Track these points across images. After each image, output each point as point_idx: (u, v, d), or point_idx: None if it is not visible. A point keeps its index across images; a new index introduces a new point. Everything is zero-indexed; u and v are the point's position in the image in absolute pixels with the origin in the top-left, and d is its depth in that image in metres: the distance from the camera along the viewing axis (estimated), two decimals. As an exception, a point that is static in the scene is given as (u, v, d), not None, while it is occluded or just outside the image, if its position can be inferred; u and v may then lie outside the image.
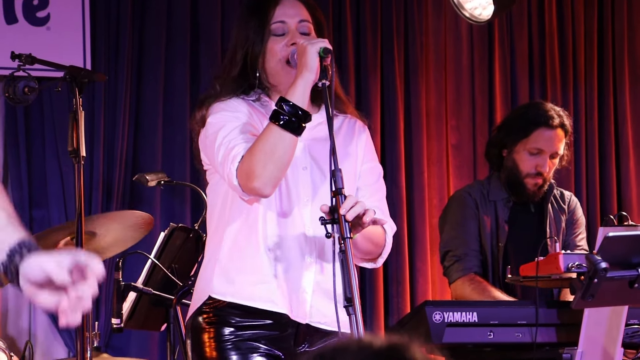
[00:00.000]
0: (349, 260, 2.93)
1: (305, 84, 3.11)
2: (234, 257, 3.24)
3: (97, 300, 5.43)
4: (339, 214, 2.96)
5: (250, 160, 3.10)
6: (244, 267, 3.23)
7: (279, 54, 3.24)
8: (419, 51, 6.21)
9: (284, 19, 3.26)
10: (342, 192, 2.98)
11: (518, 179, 4.60)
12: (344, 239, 2.95)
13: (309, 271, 3.23)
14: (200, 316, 3.25)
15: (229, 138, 3.17)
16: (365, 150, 3.37)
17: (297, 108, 3.10)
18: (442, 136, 6.24)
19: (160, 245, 4.62)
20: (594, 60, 6.43)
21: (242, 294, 3.22)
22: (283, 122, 3.09)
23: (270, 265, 3.22)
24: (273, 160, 3.09)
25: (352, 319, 2.92)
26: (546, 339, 3.99)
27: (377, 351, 1.36)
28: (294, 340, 3.24)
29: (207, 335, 3.23)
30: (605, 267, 2.79)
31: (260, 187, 3.10)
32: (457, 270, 4.58)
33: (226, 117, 3.22)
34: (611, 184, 6.36)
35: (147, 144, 5.74)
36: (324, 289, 3.21)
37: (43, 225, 5.49)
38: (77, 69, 3.81)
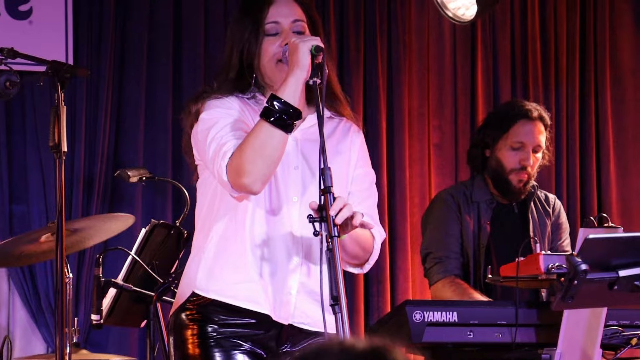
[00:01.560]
0: (336, 259, 2.92)
1: (296, 82, 3.11)
2: (219, 254, 3.24)
3: (77, 296, 5.42)
4: (327, 212, 2.96)
5: (240, 157, 3.10)
6: (229, 265, 3.23)
7: (273, 54, 3.24)
8: (402, 50, 6.21)
9: (277, 18, 3.26)
10: (330, 190, 2.97)
11: (503, 176, 4.61)
12: (331, 238, 2.94)
13: (294, 272, 3.23)
14: (184, 313, 3.25)
15: (221, 134, 3.17)
16: (359, 154, 3.37)
17: (288, 105, 3.10)
18: (424, 135, 6.24)
19: (141, 242, 4.61)
20: (575, 61, 6.45)
21: (225, 292, 3.22)
22: (273, 119, 3.09)
23: (255, 265, 3.22)
24: (263, 157, 3.09)
25: (338, 318, 2.92)
26: (525, 339, 4.00)
27: (359, 353, 1.36)
28: (276, 340, 3.24)
29: (190, 332, 3.23)
30: (585, 269, 2.80)
31: (249, 183, 3.10)
32: (438, 272, 4.59)
33: (219, 113, 3.22)
34: (591, 185, 6.38)
35: (129, 139, 5.72)
36: (308, 290, 3.21)
37: (23, 220, 5.48)
38: (59, 64, 3.78)
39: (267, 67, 3.26)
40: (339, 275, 2.93)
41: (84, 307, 5.46)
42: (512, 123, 4.60)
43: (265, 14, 3.27)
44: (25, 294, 5.48)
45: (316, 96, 3.08)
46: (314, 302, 3.14)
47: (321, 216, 2.97)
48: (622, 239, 3.18)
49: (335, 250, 2.93)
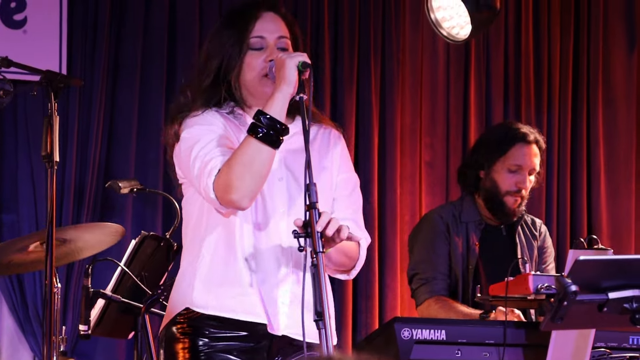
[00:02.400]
0: (321, 275, 2.93)
1: (283, 98, 3.11)
2: (213, 269, 3.24)
3: (65, 306, 5.40)
4: (312, 228, 2.96)
5: (228, 173, 3.09)
6: (224, 280, 3.23)
7: (257, 69, 3.24)
8: (396, 68, 6.22)
9: (263, 34, 3.26)
10: (316, 206, 2.98)
11: (498, 198, 4.61)
12: (316, 253, 2.95)
13: (285, 283, 3.23)
14: (174, 326, 3.24)
15: (204, 152, 3.17)
16: (341, 160, 3.37)
17: (275, 121, 3.10)
18: (416, 153, 6.25)
19: (131, 253, 4.60)
20: (568, 83, 6.47)
21: (224, 306, 3.21)
22: (261, 135, 3.09)
23: (248, 277, 3.22)
24: (251, 173, 3.09)
25: (322, 334, 2.92)
26: (513, 359, 3.99)
27: (348, 368, 1.36)
28: (267, 352, 3.24)
29: (181, 346, 3.22)
30: (575, 290, 2.80)
31: (238, 199, 3.10)
32: (424, 292, 4.59)
33: (200, 130, 3.21)
34: (582, 207, 6.39)
35: (121, 150, 5.72)
36: (300, 300, 3.21)
37: (13, 229, 5.46)
38: (53, 74, 3.79)
39: (251, 82, 3.25)
40: (323, 291, 2.94)
41: (72, 317, 5.44)
42: (510, 146, 4.62)
43: (251, 28, 3.27)
44: (13, 303, 5.46)
45: (302, 112, 3.08)
46: (306, 312, 3.14)
47: (306, 232, 2.98)
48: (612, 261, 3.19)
49: (319, 266, 2.93)
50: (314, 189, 2.99)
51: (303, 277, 3.00)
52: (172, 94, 5.80)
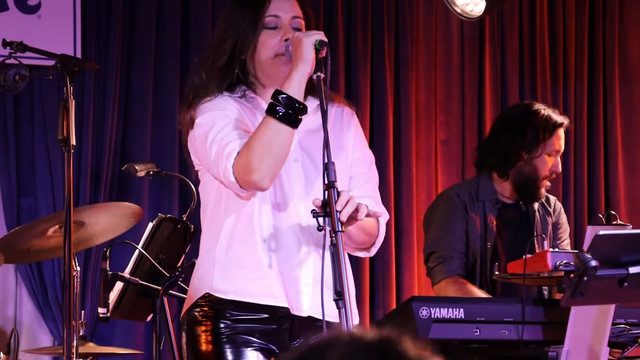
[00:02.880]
0: (340, 254, 2.92)
1: (301, 76, 3.10)
2: (231, 254, 3.23)
3: (84, 290, 5.42)
4: (330, 207, 2.95)
5: (248, 155, 3.08)
6: (243, 264, 3.22)
7: (273, 48, 3.22)
8: (410, 47, 6.21)
9: (278, 13, 3.25)
10: (334, 185, 2.97)
11: (536, 183, 4.62)
12: (335, 232, 2.94)
13: (306, 262, 3.23)
14: (196, 309, 3.24)
15: (221, 136, 3.15)
16: (356, 138, 3.35)
17: (294, 100, 3.09)
18: (431, 132, 6.24)
19: (148, 236, 4.61)
20: (584, 59, 6.44)
21: (243, 291, 3.21)
22: (280, 114, 3.08)
23: (268, 260, 3.21)
24: (271, 154, 3.08)
25: (342, 313, 2.92)
26: (532, 336, 3.99)
27: (368, 344, 1.36)
28: (289, 334, 3.24)
29: (203, 329, 3.22)
30: (595, 265, 2.80)
31: (258, 180, 3.09)
32: (441, 272, 4.58)
33: (215, 116, 3.20)
34: (599, 183, 6.37)
35: (136, 134, 5.73)
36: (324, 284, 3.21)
37: (31, 213, 5.49)
38: (68, 57, 3.79)
39: (266, 61, 3.23)
40: (342, 271, 2.93)
41: (91, 300, 5.47)
42: (553, 132, 4.62)
43: (266, 7, 3.25)
44: (33, 288, 5.48)
45: (320, 91, 3.06)
46: (329, 293, 3.14)
47: (325, 211, 2.97)
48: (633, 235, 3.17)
49: (339, 245, 2.93)
50: (333, 167, 2.98)
51: (322, 257, 2.99)
52: (186, 76, 5.78)
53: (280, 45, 3.21)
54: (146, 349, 5.33)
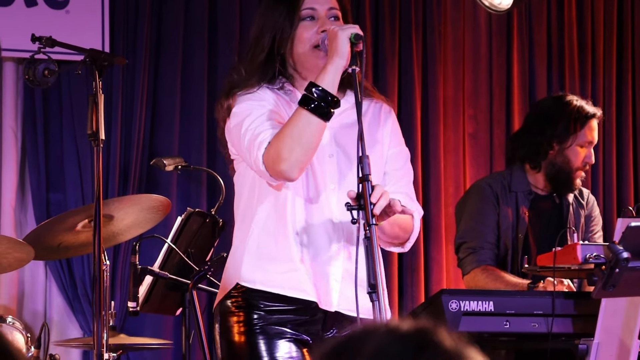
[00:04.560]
0: (374, 247, 2.92)
1: (335, 70, 3.10)
2: (262, 244, 3.24)
3: (113, 284, 5.44)
4: (365, 200, 2.95)
5: (277, 145, 3.09)
6: (273, 255, 3.23)
7: (310, 40, 3.22)
8: (437, 40, 6.20)
9: (314, 5, 3.25)
10: (368, 178, 2.97)
11: (568, 174, 4.60)
12: (369, 226, 2.94)
13: (337, 258, 3.23)
14: (229, 300, 3.26)
15: (255, 125, 3.17)
16: (392, 134, 3.36)
17: (327, 93, 3.09)
18: (459, 125, 6.23)
19: (177, 230, 4.62)
20: (612, 51, 6.41)
21: (272, 282, 3.22)
22: (312, 106, 3.08)
23: (299, 253, 3.22)
24: (300, 144, 3.08)
25: (375, 306, 2.92)
26: (562, 329, 3.98)
27: (404, 335, 1.36)
28: (322, 325, 3.24)
29: (236, 319, 3.23)
30: (627, 256, 2.79)
31: (286, 169, 3.10)
32: (471, 262, 4.57)
33: (251, 105, 3.21)
34: (628, 176, 6.34)
35: (164, 128, 5.74)
36: (352, 276, 3.21)
37: (60, 208, 5.51)
38: (97, 52, 3.80)
39: (303, 54, 3.24)
40: (376, 263, 2.93)
41: (120, 294, 5.49)
42: (585, 123, 4.61)
43: (302, 0, 3.26)
44: (62, 283, 5.51)
45: (355, 84, 3.07)
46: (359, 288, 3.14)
47: (359, 204, 2.97)
48: (664, 227, 3.16)
49: (373, 238, 2.93)
50: (367, 161, 2.98)
51: (356, 250, 2.99)
52: (214, 71, 5.82)
53: (317, 36, 3.22)
54: (175, 343, 5.34)
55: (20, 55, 5.47)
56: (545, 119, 4.71)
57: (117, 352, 4.64)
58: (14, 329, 4.17)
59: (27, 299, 5.50)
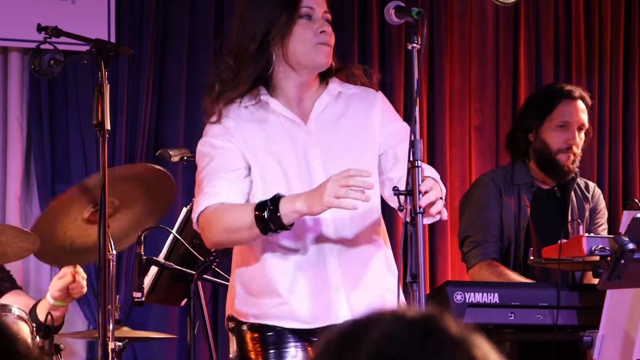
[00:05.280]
0: (419, 236, 2.88)
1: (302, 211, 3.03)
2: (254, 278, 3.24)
3: (118, 274, 5.45)
4: (413, 187, 2.91)
5: (212, 220, 3.14)
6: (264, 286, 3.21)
7: (312, 40, 3.21)
8: (444, 33, 6.19)
9: (313, 5, 3.25)
10: (419, 164, 2.92)
11: (550, 157, 4.59)
12: (415, 214, 2.90)
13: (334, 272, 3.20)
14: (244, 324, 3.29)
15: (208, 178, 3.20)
16: (382, 114, 3.29)
17: (283, 224, 3.04)
18: (465, 118, 6.22)
19: (182, 221, 4.62)
20: (620, 44, 6.40)
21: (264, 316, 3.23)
22: (262, 225, 3.05)
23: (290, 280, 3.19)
24: (228, 237, 3.16)
25: (415, 295, 2.89)
26: (567, 321, 3.98)
27: (411, 321, 1.36)
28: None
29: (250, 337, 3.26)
30: (633, 248, 2.79)
31: (209, 243, 3.24)
32: (476, 256, 4.57)
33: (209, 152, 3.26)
34: (634, 170, 6.33)
35: (170, 119, 5.74)
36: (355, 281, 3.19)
37: (65, 199, 5.51)
38: (103, 42, 3.81)
39: (303, 50, 3.21)
40: (420, 253, 2.89)
41: (125, 284, 5.49)
42: (556, 103, 4.61)
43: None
44: (67, 273, 5.51)
45: (414, 62, 3.02)
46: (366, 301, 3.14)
47: (407, 190, 2.91)
48: (669, 219, 3.16)
49: (418, 226, 2.88)
50: (419, 145, 2.94)
51: (404, 238, 2.94)
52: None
53: (316, 36, 3.21)
54: (180, 334, 5.35)
55: (26, 45, 5.46)
56: (522, 109, 4.81)
57: (123, 342, 4.64)
58: (19, 318, 4.17)
59: (32, 289, 5.50)
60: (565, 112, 4.59)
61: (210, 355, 4.27)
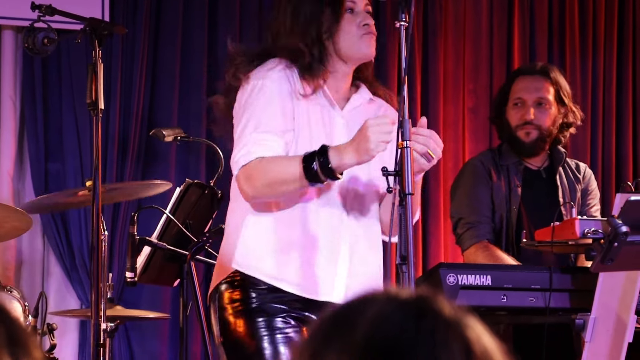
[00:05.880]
0: (408, 217, 2.88)
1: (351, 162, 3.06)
2: (260, 232, 3.22)
3: (111, 254, 5.45)
4: (402, 167, 2.92)
5: (258, 175, 3.10)
6: (270, 244, 3.20)
7: (356, 32, 3.26)
8: (438, 14, 6.18)
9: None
10: (407, 144, 2.94)
11: (512, 135, 4.63)
12: (404, 195, 2.90)
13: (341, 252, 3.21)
14: (225, 283, 3.22)
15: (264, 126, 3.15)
16: None
17: (333, 173, 3.05)
18: (459, 100, 6.21)
19: (176, 201, 4.62)
20: (614, 28, 6.39)
21: (267, 272, 3.19)
22: (310, 175, 3.06)
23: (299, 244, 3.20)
24: (272, 189, 3.11)
25: (405, 277, 2.90)
26: (559, 304, 3.99)
27: (405, 302, 1.36)
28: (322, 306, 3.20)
29: (232, 298, 3.19)
30: (626, 230, 2.79)
31: (249, 197, 3.14)
32: (470, 237, 4.57)
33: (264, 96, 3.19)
34: (627, 152, 6.34)
35: (164, 99, 5.73)
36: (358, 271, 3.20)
37: (59, 178, 5.51)
38: (97, 21, 3.80)
39: (350, 44, 3.26)
40: (409, 234, 2.89)
41: (118, 265, 5.49)
42: (511, 82, 4.68)
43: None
44: (60, 253, 5.51)
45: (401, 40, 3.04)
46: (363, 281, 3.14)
47: (396, 171, 2.92)
48: (663, 202, 3.16)
49: (407, 207, 2.88)
50: (408, 125, 2.96)
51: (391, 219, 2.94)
52: (214, 42, 5.79)
53: (360, 29, 3.25)
54: (173, 314, 5.35)
55: (19, 23, 5.44)
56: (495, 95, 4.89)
57: (115, 322, 4.64)
58: (12, 297, 4.18)
59: (25, 268, 5.51)
60: (519, 89, 4.64)
61: (203, 336, 4.27)
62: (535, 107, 4.59)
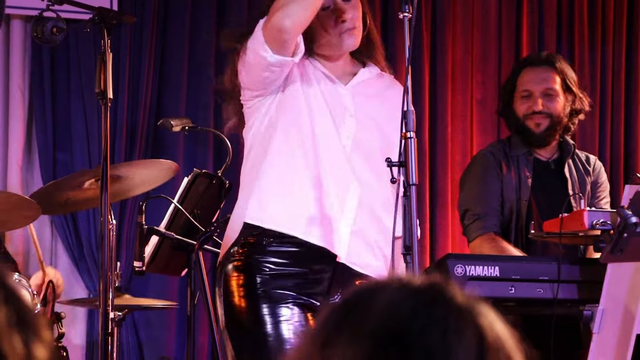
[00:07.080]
0: (413, 207, 2.88)
1: None
2: (272, 185, 3.21)
3: (119, 243, 5.45)
4: (406, 158, 2.91)
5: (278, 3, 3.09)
6: (284, 195, 3.20)
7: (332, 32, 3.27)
8: (447, 4, 6.17)
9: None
10: (411, 135, 2.93)
11: (521, 125, 4.62)
12: (409, 185, 2.90)
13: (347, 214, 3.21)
14: (231, 264, 3.22)
15: None
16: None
17: None
18: (467, 91, 6.21)
19: (184, 191, 4.62)
20: (623, 18, 6.37)
21: (280, 220, 3.19)
22: None
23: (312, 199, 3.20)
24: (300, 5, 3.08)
25: (409, 268, 2.90)
26: (567, 295, 3.98)
27: (417, 289, 1.36)
28: (328, 286, 3.21)
29: (238, 283, 3.19)
30: (636, 221, 2.79)
31: (279, 19, 3.07)
32: (477, 229, 4.57)
33: None
34: (636, 144, 6.32)
35: (171, 89, 5.73)
36: (362, 235, 3.20)
37: (67, 167, 5.51)
38: (106, 10, 3.80)
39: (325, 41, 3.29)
40: (413, 225, 2.89)
41: (126, 254, 5.50)
42: (518, 74, 4.66)
43: None
44: (69, 242, 5.52)
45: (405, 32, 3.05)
46: (366, 247, 3.13)
47: (400, 162, 2.92)
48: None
49: (412, 198, 2.89)
50: (412, 116, 2.96)
51: (395, 210, 2.95)
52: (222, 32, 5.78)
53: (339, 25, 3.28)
54: (180, 303, 5.35)
55: (28, 12, 5.44)
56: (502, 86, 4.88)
57: (123, 311, 4.65)
58: (20, 285, 4.18)
59: (33, 257, 5.51)
60: (526, 81, 4.63)
61: (210, 325, 4.28)
62: (543, 97, 4.59)
